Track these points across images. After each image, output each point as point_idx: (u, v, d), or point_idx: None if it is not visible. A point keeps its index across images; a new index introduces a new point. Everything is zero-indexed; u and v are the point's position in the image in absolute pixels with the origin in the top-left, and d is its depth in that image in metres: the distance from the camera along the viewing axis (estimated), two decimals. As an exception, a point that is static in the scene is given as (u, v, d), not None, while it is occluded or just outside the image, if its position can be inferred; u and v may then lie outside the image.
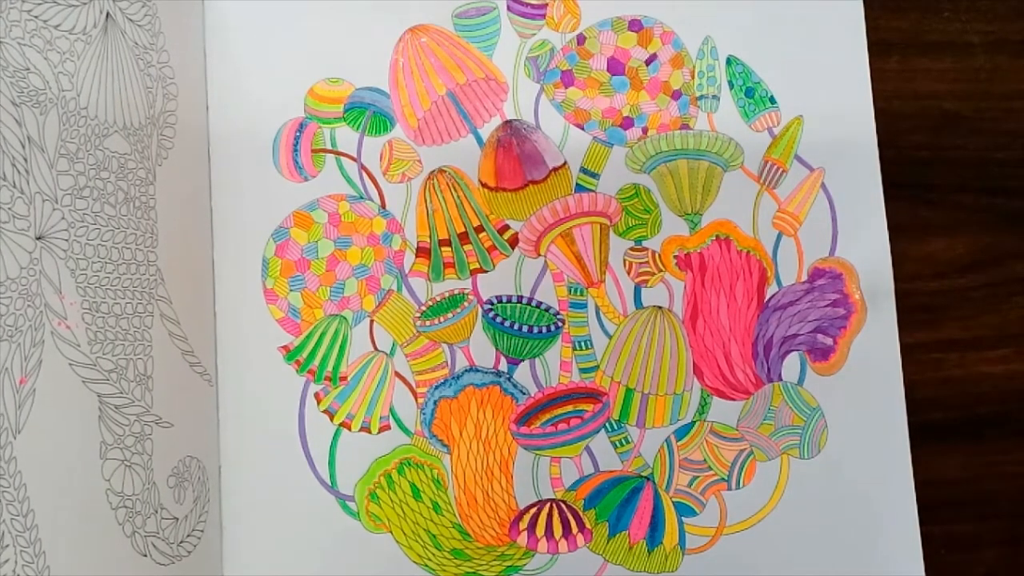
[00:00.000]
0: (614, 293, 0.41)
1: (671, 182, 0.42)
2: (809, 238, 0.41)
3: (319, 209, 0.41)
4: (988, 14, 0.43)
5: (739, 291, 0.41)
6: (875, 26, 0.42)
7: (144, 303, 0.37)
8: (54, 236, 0.33)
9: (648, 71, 0.42)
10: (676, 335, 0.41)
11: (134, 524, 0.35)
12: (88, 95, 0.35)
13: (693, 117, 0.42)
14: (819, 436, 0.40)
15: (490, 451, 0.40)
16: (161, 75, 0.39)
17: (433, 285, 0.41)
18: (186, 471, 0.38)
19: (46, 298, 0.32)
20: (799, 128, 0.42)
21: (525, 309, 0.41)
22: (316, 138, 0.42)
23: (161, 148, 0.39)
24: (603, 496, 0.40)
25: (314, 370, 0.40)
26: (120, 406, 0.35)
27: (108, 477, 0.34)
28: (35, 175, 0.32)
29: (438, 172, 0.42)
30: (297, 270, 0.41)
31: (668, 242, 0.41)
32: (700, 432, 0.41)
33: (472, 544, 0.40)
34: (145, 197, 0.37)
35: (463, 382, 0.41)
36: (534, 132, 0.42)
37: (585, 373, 0.41)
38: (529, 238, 0.41)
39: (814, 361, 0.41)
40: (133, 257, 0.36)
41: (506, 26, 0.42)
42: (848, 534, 0.40)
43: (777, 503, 0.40)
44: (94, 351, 0.34)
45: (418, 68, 0.42)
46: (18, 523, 0.30)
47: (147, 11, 0.39)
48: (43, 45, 0.33)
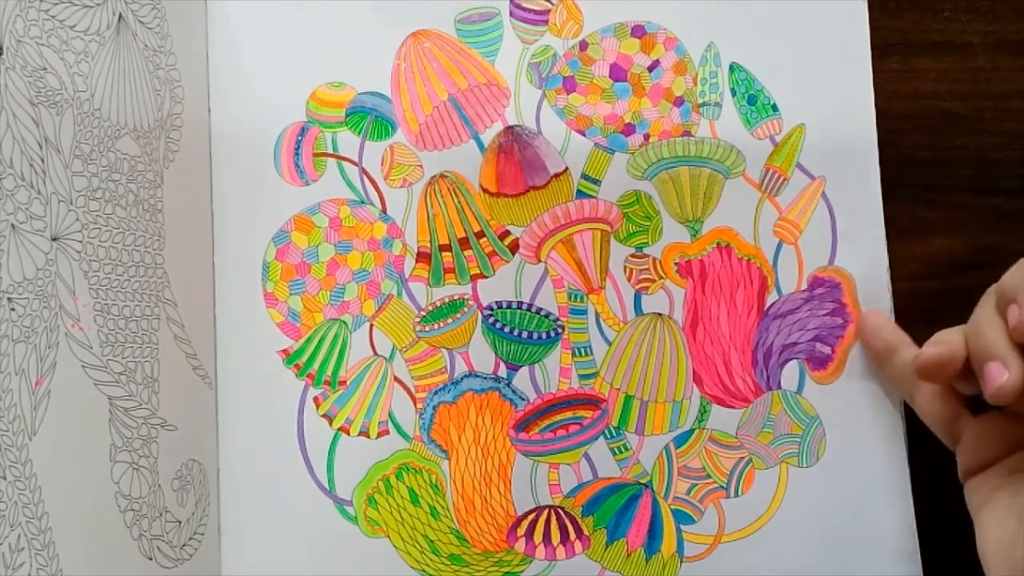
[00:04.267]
0: (614, 300, 0.41)
1: (672, 189, 0.42)
2: (809, 247, 0.41)
3: (320, 213, 0.41)
4: (988, 14, 0.43)
5: (739, 299, 0.41)
6: (875, 26, 0.42)
7: (152, 305, 0.37)
8: (69, 237, 0.33)
9: (650, 78, 0.42)
10: (676, 342, 0.41)
11: (141, 527, 0.35)
12: (101, 96, 0.35)
13: (695, 124, 0.42)
14: (818, 444, 0.40)
15: (489, 457, 0.40)
16: (169, 78, 0.39)
17: (433, 290, 0.41)
18: (188, 474, 0.38)
19: (61, 300, 0.32)
20: (801, 136, 0.42)
21: (525, 315, 0.41)
22: (318, 142, 0.42)
23: (168, 151, 0.39)
24: (601, 503, 0.40)
25: (313, 374, 0.41)
26: (129, 409, 0.35)
27: (117, 480, 0.34)
28: (51, 176, 0.32)
29: (439, 177, 0.42)
30: (297, 274, 0.41)
31: (669, 249, 0.41)
32: (699, 440, 0.41)
33: (470, 550, 0.40)
34: (153, 200, 0.38)
35: (462, 387, 0.41)
36: (535, 138, 0.42)
37: (584, 380, 0.41)
38: (530, 244, 0.41)
39: (813, 370, 0.41)
40: (142, 259, 0.37)
41: (508, 31, 0.42)
42: (847, 543, 0.40)
43: (776, 511, 0.40)
44: (105, 353, 0.34)
45: (420, 73, 0.42)
46: (33, 526, 0.30)
47: (156, 13, 0.39)
48: (59, 45, 0.33)
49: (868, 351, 0.40)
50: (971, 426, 0.35)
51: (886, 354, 0.38)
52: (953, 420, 0.36)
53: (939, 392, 0.36)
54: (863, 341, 0.40)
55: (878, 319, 0.40)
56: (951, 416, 0.36)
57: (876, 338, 0.39)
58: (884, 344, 0.39)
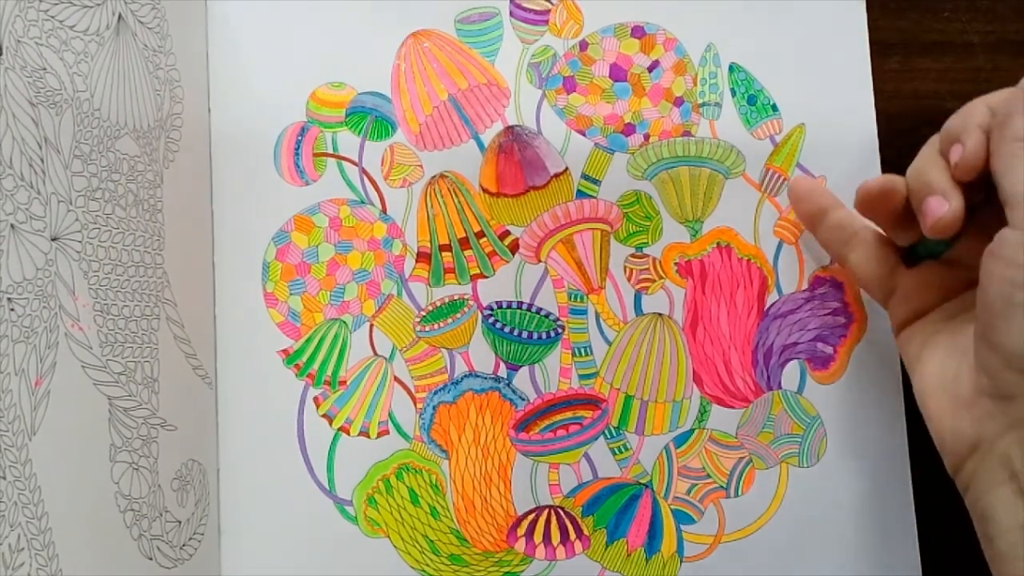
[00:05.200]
0: (614, 300, 0.41)
1: (672, 189, 0.42)
2: (810, 247, 0.41)
3: (320, 213, 0.41)
4: (988, 14, 0.43)
5: (739, 299, 0.41)
6: (875, 26, 0.42)
7: (152, 306, 0.37)
8: (68, 237, 0.33)
9: (650, 78, 0.42)
10: (676, 342, 0.41)
11: (140, 527, 0.35)
12: (101, 96, 0.35)
13: (695, 124, 0.42)
14: (818, 445, 0.40)
15: (489, 457, 0.40)
16: (169, 78, 0.39)
17: (433, 290, 0.41)
18: (188, 474, 0.38)
19: (60, 300, 0.32)
20: (801, 136, 0.42)
21: (525, 315, 0.41)
22: (318, 142, 0.42)
23: (168, 151, 0.39)
24: (601, 503, 0.40)
25: (313, 374, 0.41)
26: (128, 409, 0.35)
27: (117, 480, 0.34)
28: (51, 176, 0.32)
29: (439, 177, 0.42)
30: (297, 274, 0.41)
31: (669, 249, 0.41)
32: (699, 440, 0.41)
33: (470, 550, 0.40)
34: (153, 200, 0.38)
35: (462, 387, 0.41)
36: (535, 138, 0.42)
37: (584, 379, 0.41)
38: (530, 244, 0.41)
39: (814, 370, 0.41)
40: (141, 259, 0.37)
41: (508, 32, 0.42)
42: (847, 543, 0.40)
43: (776, 511, 0.40)
44: (104, 353, 0.34)
45: (420, 73, 0.42)
46: (33, 526, 0.30)
47: (156, 14, 0.39)
48: (59, 45, 0.33)
49: (800, 215, 0.40)
50: (907, 276, 0.36)
51: (819, 216, 0.39)
52: (888, 276, 0.37)
53: (874, 249, 0.37)
54: (795, 205, 0.41)
55: (810, 183, 0.40)
56: (887, 272, 0.37)
57: (808, 202, 0.40)
58: (816, 206, 0.39)
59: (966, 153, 0.31)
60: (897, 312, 0.36)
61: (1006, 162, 0.30)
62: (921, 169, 0.33)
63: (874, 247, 0.37)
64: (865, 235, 0.37)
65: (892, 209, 0.35)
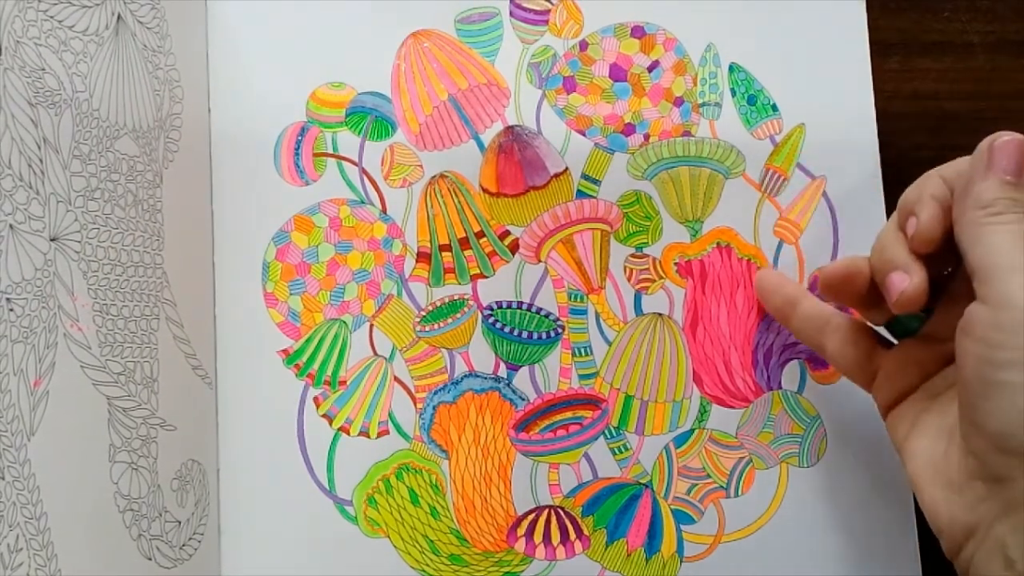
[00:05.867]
0: (614, 300, 0.41)
1: (672, 189, 0.42)
2: (810, 247, 0.41)
3: (320, 213, 0.41)
4: (988, 14, 0.43)
5: (739, 299, 0.41)
6: (875, 26, 0.42)
7: (151, 306, 0.37)
8: (67, 237, 0.33)
9: (650, 78, 0.42)
10: (676, 342, 0.41)
11: (140, 527, 0.35)
12: (100, 97, 0.35)
13: (695, 124, 0.42)
14: (818, 445, 0.40)
15: (489, 457, 0.40)
16: (168, 78, 0.39)
17: (433, 290, 0.41)
18: (188, 474, 0.38)
19: (59, 300, 0.32)
20: (801, 136, 0.42)
21: (525, 315, 0.41)
22: (318, 142, 0.42)
23: (167, 151, 0.39)
24: (601, 503, 0.40)
25: (313, 374, 0.41)
26: (128, 409, 0.35)
27: (116, 480, 0.34)
28: (50, 176, 0.32)
29: (439, 177, 0.42)
30: (297, 274, 0.41)
31: (669, 249, 0.41)
32: (699, 440, 0.41)
33: (470, 550, 0.40)
34: (153, 200, 0.38)
35: (462, 387, 0.41)
36: (535, 138, 0.42)
37: (584, 379, 0.41)
38: (530, 244, 0.41)
39: (814, 370, 0.41)
40: (141, 260, 0.37)
41: (508, 32, 0.42)
42: (847, 543, 0.40)
43: (776, 511, 0.40)
44: (104, 353, 0.34)
45: (420, 73, 0.42)
46: (32, 526, 0.30)
47: (156, 14, 0.39)
48: (58, 46, 0.33)
49: (770, 309, 0.40)
50: (886, 358, 0.35)
51: (790, 307, 0.38)
52: (867, 359, 0.35)
53: (849, 334, 0.36)
54: (763, 299, 0.40)
55: (777, 277, 0.40)
56: (864, 355, 0.36)
57: (777, 295, 0.39)
58: (785, 299, 0.39)
59: (920, 225, 0.31)
60: (881, 395, 0.35)
61: (969, 231, 0.29)
62: (881, 246, 0.33)
63: (849, 332, 0.36)
64: (838, 321, 0.36)
65: (857, 291, 0.34)
